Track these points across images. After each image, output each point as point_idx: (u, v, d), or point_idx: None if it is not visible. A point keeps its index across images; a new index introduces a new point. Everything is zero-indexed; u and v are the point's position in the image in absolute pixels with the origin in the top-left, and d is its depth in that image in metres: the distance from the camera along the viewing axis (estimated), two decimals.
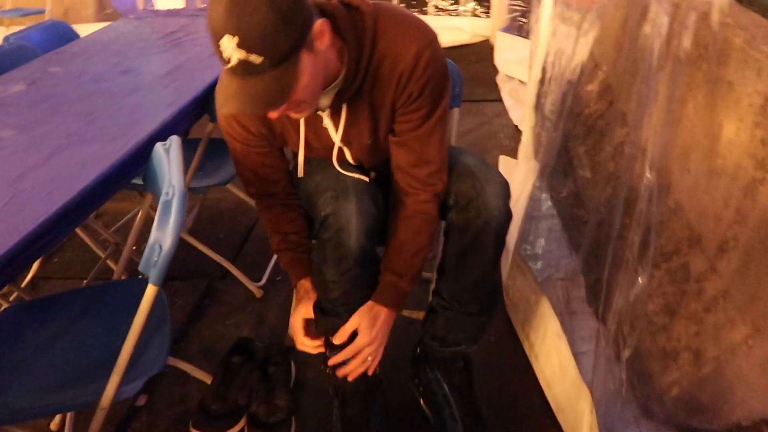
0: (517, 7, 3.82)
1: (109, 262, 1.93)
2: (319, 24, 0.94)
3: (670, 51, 1.07)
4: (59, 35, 2.26)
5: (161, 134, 1.32)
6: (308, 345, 1.22)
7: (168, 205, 0.96)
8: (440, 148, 1.15)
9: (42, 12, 4.40)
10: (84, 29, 3.22)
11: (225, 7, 0.84)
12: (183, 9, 2.70)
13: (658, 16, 1.11)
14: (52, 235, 1.01)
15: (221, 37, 0.85)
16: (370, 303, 1.18)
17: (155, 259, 0.95)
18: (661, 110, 1.06)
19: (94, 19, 5.09)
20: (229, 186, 1.84)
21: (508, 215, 1.17)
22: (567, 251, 2.02)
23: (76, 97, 1.54)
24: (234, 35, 0.84)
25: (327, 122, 1.12)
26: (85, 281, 1.93)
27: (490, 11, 4.31)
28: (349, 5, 1.04)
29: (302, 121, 1.13)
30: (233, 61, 0.87)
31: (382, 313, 1.18)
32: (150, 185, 1.22)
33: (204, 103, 1.53)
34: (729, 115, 1.06)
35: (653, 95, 1.08)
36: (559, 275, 1.90)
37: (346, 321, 1.17)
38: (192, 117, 1.48)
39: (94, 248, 1.91)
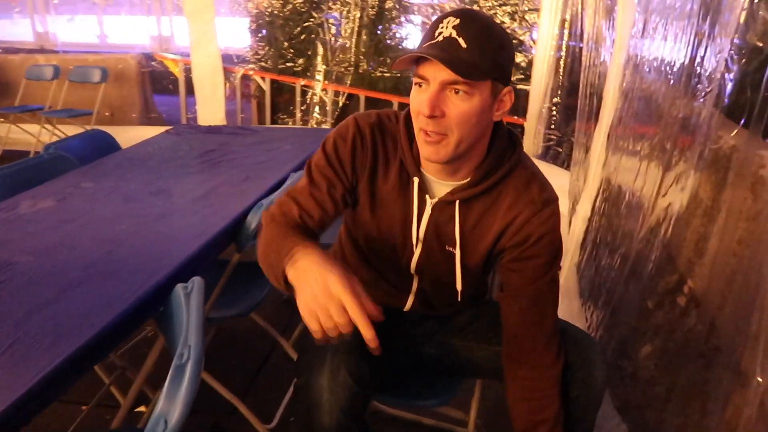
0: (553, 136, 3.85)
1: (113, 389, 1.79)
2: (510, 92, 0.98)
3: None
4: (99, 145, 2.27)
5: (185, 270, 1.23)
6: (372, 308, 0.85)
7: (181, 371, 0.84)
8: (555, 309, 1.09)
9: (90, 113, 4.55)
10: (128, 132, 3.31)
11: (464, 8, 0.92)
12: (223, 126, 2.75)
13: None
14: (49, 393, 0.89)
15: (447, 17, 0.93)
16: None
17: None
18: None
19: (139, 122, 5.31)
20: None
21: (606, 384, 1.12)
22: (612, 411, 1.83)
23: (103, 219, 1.48)
24: (458, 19, 0.92)
25: (428, 209, 1.06)
26: (85, 408, 1.78)
27: (524, 138, 4.35)
28: (510, 134, 1.09)
29: (416, 187, 1.06)
30: (441, 36, 0.92)
31: None
32: (163, 328, 1.11)
33: (232, 233, 1.46)
34: None
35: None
36: None
37: None
38: (218, 250, 1.40)
39: (98, 371, 1.78)
